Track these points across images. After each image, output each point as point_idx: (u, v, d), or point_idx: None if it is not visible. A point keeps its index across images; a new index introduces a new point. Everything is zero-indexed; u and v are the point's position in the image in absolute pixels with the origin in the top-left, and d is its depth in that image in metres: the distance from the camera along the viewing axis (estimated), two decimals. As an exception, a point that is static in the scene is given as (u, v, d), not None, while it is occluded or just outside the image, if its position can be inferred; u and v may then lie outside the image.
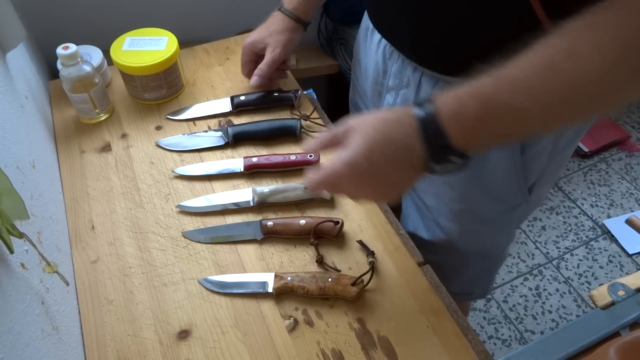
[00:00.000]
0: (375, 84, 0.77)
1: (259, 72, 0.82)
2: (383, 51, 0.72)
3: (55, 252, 0.62)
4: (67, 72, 0.77)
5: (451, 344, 0.58)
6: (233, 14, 1.31)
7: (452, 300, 0.63)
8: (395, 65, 0.70)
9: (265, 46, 0.81)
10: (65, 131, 0.83)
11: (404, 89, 0.70)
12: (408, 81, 0.69)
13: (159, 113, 0.86)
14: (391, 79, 0.72)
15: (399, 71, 0.70)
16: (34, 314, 0.48)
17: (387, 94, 0.74)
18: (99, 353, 0.59)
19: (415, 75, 0.67)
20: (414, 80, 0.67)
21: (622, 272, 1.60)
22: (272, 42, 0.80)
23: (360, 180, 0.49)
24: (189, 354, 0.58)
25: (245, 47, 0.83)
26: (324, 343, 0.58)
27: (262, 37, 0.81)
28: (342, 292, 0.61)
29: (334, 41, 1.45)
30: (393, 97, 0.73)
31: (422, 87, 0.67)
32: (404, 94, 0.71)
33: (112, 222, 0.71)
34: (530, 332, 1.47)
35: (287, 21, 0.81)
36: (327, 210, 0.72)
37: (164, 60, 0.82)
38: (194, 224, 0.70)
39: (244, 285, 0.63)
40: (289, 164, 0.75)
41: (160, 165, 0.78)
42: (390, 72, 0.72)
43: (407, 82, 0.69)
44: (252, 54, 0.83)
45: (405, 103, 0.70)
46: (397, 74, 0.71)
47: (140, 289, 0.64)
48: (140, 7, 1.18)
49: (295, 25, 0.81)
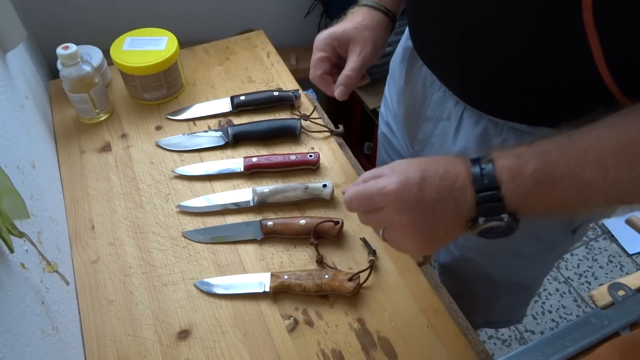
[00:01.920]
0: (412, 110, 0.70)
1: (345, 80, 0.62)
2: (424, 78, 0.66)
3: (55, 252, 0.62)
4: (67, 72, 0.77)
5: (451, 344, 0.58)
6: (233, 14, 1.31)
7: (452, 300, 0.63)
8: (435, 95, 0.64)
9: (350, 42, 0.62)
10: (65, 131, 0.83)
11: (443, 121, 0.64)
12: (449, 114, 0.63)
13: (159, 113, 0.86)
14: (430, 109, 0.66)
15: (440, 102, 0.64)
16: (34, 314, 0.48)
17: (424, 123, 0.68)
18: (99, 353, 0.59)
19: (457, 109, 0.61)
20: (456, 114, 0.62)
21: (622, 272, 1.59)
22: (360, 39, 0.62)
23: (406, 211, 0.44)
24: (189, 354, 0.58)
25: (320, 40, 0.64)
26: (324, 343, 0.58)
27: (346, 31, 0.62)
28: (339, 288, 0.61)
29: (334, 41, 1.45)
30: (431, 127, 0.67)
31: (463, 122, 0.61)
32: (443, 126, 0.65)
33: (112, 222, 0.71)
34: (530, 332, 1.47)
35: (377, 16, 0.63)
36: (327, 210, 0.72)
37: (164, 60, 0.82)
38: (194, 224, 0.70)
39: (241, 287, 0.63)
40: (289, 164, 0.75)
41: (160, 165, 0.78)
42: (430, 102, 0.65)
43: (447, 114, 0.63)
44: (332, 49, 0.64)
45: (443, 135, 0.65)
46: (437, 104, 0.64)
47: (140, 289, 0.64)
48: (140, 7, 1.18)
49: (386, 21, 0.64)
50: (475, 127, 0.60)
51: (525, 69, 0.50)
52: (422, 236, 0.45)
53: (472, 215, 0.43)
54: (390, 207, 0.45)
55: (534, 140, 0.43)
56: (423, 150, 0.72)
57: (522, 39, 0.47)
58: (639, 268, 1.61)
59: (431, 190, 0.43)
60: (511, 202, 0.41)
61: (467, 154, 0.60)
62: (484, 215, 0.42)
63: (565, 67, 0.47)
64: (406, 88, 0.72)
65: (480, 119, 0.59)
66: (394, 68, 0.77)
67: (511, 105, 0.55)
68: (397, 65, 0.75)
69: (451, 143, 0.64)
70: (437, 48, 0.58)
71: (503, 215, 0.42)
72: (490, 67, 0.52)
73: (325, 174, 0.76)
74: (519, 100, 0.53)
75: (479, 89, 0.56)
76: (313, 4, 1.38)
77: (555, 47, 0.46)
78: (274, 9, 1.36)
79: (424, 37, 0.61)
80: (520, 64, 0.50)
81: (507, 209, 0.42)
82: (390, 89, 0.80)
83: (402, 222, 0.44)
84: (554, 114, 0.49)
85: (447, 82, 0.61)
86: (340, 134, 0.82)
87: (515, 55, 0.49)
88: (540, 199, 0.41)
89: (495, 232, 0.43)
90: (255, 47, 0.99)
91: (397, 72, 0.75)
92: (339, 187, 0.74)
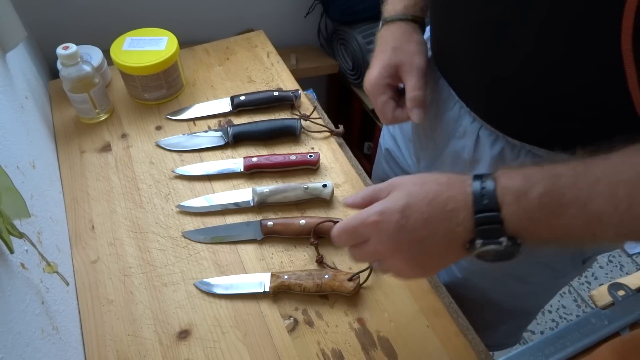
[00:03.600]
0: (422, 126, 0.67)
1: (415, 100, 0.57)
2: (439, 93, 0.63)
3: (55, 252, 0.62)
4: (67, 72, 0.77)
5: (451, 344, 0.58)
6: (233, 14, 1.31)
7: (452, 300, 0.63)
8: (450, 111, 0.61)
9: (399, 66, 0.59)
10: (65, 131, 0.83)
11: (456, 139, 0.62)
12: (464, 132, 0.60)
13: (159, 113, 0.86)
14: (443, 125, 0.63)
15: (455, 119, 0.61)
16: (34, 314, 0.48)
17: (436, 140, 0.65)
18: (99, 353, 0.59)
19: (473, 126, 0.58)
20: (472, 132, 0.59)
21: (622, 272, 1.60)
22: (404, 55, 0.59)
23: (388, 240, 0.43)
24: (189, 354, 0.58)
25: (372, 85, 0.59)
26: (324, 343, 0.58)
27: (389, 60, 0.59)
28: (339, 288, 0.61)
29: (334, 41, 1.45)
30: (442, 145, 0.65)
31: (480, 142, 0.58)
32: (455, 144, 0.62)
33: (112, 222, 0.71)
34: (530, 332, 1.47)
35: (404, 27, 0.61)
36: (327, 210, 0.72)
37: (164, 60, 0.82)
38: (194, 224, 0.70)
39: (241, 287, 0.63)
40: (289, 164, 0.75)
41: (160, 165, 0.78)
42: (444, 118, 0.62)
43: (462, 132, 0.60)
44: (388, 87, 0.60)
45: (456, 154, 0.63)
46: (451, 121, 0.61)
47: (140, 289, 0.64)
48: (140, 7, 1.18)
49: (415, 27, 0.61)
50: (492, 148, 0.57)
51: (557, 91, 0.48)
52: (414, 263, 0.44)
53: (470, 237, 0.41)
54: (374, 238, 0.44)
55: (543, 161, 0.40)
56: (431, 169, 0.70)
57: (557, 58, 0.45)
58: (639, 268, 1.61)
59: (416, 217, 0.42)
60: (512, 225, 0.39)
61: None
62: (482, 238, 0.40)
63: (597, 92, 0.45)
64: None
65: (498, 139, 0.57)
66: None
67: (536, 128, 0.52)
68: None
69: (462, 163, 0.62)
70: (462, 62, 0.56)
71: (502, 239, 0.39)
72: (521, 86, 0.50)
73: (325, 174, 0.76)
74: (546, 123, 0.51)
75: (505, 109, 0.54)
76: (313, 4, 1.38)
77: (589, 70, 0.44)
78: (274, 9, 1.36)
79: (450, 50, 0.59)
80: (552, 85, 0.47)
81: (506, 233, 0.39)
82: None
83: (389, 251, 0.44)
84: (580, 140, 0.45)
85: (467, 98, 0.58)
86: (340, 134, 0.82)
87: (548, 76, 0.47)
88: (544, 225, 0.39)
89: (496, 256, 0.41)
90: (255, 47, 0.99)
91: None
92: (339, 187, 0.74)
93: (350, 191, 0.74)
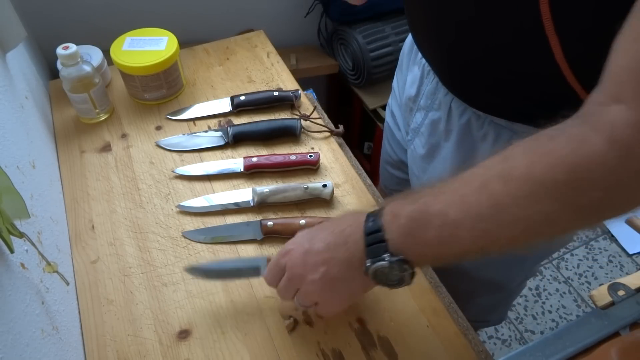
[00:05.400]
0: (409, 99, 0.75)
1: None
2: (422, 69, 0.71)
3: (55, 252, 0.62)
4: (67, 72, 0.77)
5: (451, 344, 0.58)
6: (233, 14, 1.31)
7: (452, 300, 0.63)
8: (429, 85, 0.69)
9: None
10: (65, 131, 0.83)
11: (433, 110, 0.69)
12: (439, 104, 0.67)
13: (159, 113, 0.86)
14: (423, 99, 0.71)
15: (432, 92, 0.69)
16: (34, 314, 0.48)
17: (417, 113, 0.73)
18: (99, 353, 0.59)
19: (446, 99, 0.66)
20: (445, 104, 0.66)
21: (622, 272, 1.60)
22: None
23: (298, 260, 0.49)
24: (189, 354, 0.58)
25: None
26: (324, 343, 0.58)
27: None
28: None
29: (334, 41, 1.45)
30: (422, 116, 0.72)
31: (452, 113, 0.65)
32: (433, 115, 0.69)
33: (112, 222, 0.71)
34: (530, 332, 1.47)
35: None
36: (327, 210, 0.72)
37: (164, 60, 0.82)
38: (194, 224, 0.70)
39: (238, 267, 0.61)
40: (289, 164, 0.75)
41: (160, 165, 0.78)
42: (424, 92, 0.71)
43: (438, 105, 0.68)
44: None
45: (434, 125, 0.70)
46: (429, 94, 0.69)
47: (140, 289, 0.64)
48: (140, 7, 1.18)
49: None
50: (460, 118, 0.64)
51: (498, 65, 0.53)
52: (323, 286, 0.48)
53: (364, 258, 0.45)
54: (288, 264, 0.50)
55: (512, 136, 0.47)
56: (414, 139, 0.76)
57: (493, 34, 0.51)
58: (639, 268, 1.61)
59: (319, 244, 0.48)
60: (394, 244, 0.43)
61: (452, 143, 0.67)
62: (370, 257, 0.44)
63: (531, 64, 0.50)
64: (408, 77, 0.75)
65: (465, 110, 0.63)
66: (402, 58, 0.81)
67: (489, 98, 0.58)
68: (405, 55, 0.79)
69: (439, 133, 0.69)
70: (430, 41, 0.63)
71: (385, 255, 0.43)
72: (471, 60, 0.56)
73: (325, 174, 0.76)
74: (495, 94, 0.57)
75: (463, 81, 0.61)
76: (313, 4, 1.38)
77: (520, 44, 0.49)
78: (274, 9, 1.36)
79: (418, 30, 0.65)
80: (493, 59, 0.53)
81: (390, 250, 0.43)
82: (398, 79, 0.83)
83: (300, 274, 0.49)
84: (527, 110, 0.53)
85: (438, 72, 0.65)
86: (340, 134, 0.82)
87: (489, 51, 0.53)
88: (420, 241, 0.43)
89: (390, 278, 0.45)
90: (255, 47, 0.99)
91: (403, 63, 0.79)
92: (339, 187, 0.74)
93: (350, 191, 0.74)
